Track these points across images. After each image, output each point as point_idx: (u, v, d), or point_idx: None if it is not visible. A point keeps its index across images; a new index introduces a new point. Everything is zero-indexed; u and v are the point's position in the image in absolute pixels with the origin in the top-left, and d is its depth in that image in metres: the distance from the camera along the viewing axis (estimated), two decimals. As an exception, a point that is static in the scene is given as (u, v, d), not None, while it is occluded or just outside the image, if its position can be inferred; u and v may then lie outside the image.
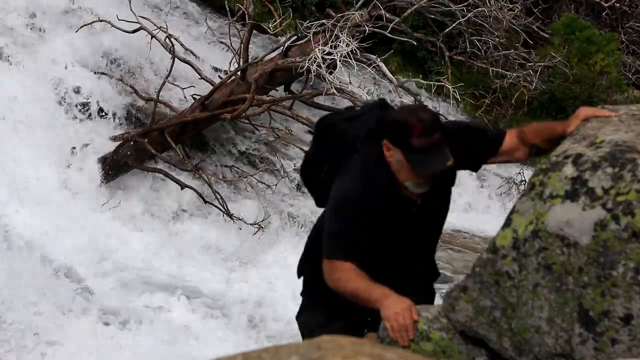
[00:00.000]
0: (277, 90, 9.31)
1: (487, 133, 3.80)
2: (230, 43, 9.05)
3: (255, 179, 8.70)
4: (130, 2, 8.70)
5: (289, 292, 7.46)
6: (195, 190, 8.12)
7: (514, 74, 10.69)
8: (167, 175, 8.21)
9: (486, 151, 3.68)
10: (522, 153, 3.66)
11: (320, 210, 3.82)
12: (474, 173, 10.17)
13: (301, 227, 8.45)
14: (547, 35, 11.76)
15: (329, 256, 3.50)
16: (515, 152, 3.66)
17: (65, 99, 8.41)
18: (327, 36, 8.87)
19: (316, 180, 3.78)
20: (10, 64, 8.54)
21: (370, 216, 3.49)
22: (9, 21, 8.90)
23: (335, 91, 8.56)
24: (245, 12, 8.87)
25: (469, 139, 3.67)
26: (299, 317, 3.96)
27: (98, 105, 8.53)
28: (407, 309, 3.30)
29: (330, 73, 8.61)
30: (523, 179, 9.78)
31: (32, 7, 9.09)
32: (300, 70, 8.69)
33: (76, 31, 8.86)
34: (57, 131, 8.15)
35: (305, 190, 8.92)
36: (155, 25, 8.74)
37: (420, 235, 3.72)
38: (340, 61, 8.59)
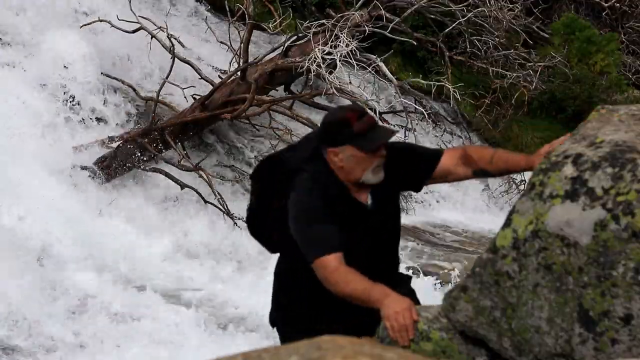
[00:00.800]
0: (277, 90, 9.32)
1: (425, 152, 3.86)
2: (230, 43, 9.05)
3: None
4: (130, 2, 8.70)
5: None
6: (195, 190, 8.12)
7: (514, 74, 10.69)
8: (167, 175, 8.22)
9: (423, 171, 3.74)
10: (462, 174, 3.72)
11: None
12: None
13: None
14: (547, 35, 11.77)
15: (315, 256, 3.50)
16: (453, 173, 3.72)
17: (65, 99, 8.41)
18: (327, 36, 8.87)
19: (265, 224, 3.82)
20: (10, 65, 8.55)
21: (332, 219, 3.55)
22: (8, 21, 8.90)
23: (335, 91, 8.56)
24: (245, 12, 8.87)
25: (410, 158, 3.74)
26: None
27: (98, 105, 8.53)
28: (407, 308, 3.30)
29: (330, 73, 8.61)
30: (523, 179, 9.79)
31: (31, 7, 9.09)
32: (300, 70, 8.69)
33: (78, 29, 8.86)
34: (57, 131, 8.16)
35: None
36: (155, 25, 8.74)
37: (378, 240, 3.75)
38: (340, 61, 8.60)
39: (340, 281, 3.46)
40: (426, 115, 9.59)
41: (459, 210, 9.89)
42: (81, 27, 8.85)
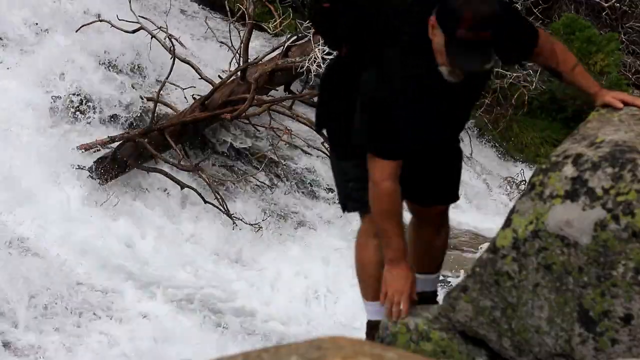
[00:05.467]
0: (277, 90, 9.31)
1: (525, 32, 3.55)
2: (231, 43, 9.05)
3: (255, 179, 8.70)
4: (130, 2, 8.70)
5: (287, 293, 7.46)
6: (195, 190, 8.12)
7: (514, 74, 10.68)
8: (167, 175, 8.21)
9: (518, 54, 3.62)
10: (541, 64, 3.67)
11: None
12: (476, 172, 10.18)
13: (301, 227, 8.45)
14: (547, 35, 11.75)
15: (375, 152, 3.37)
16: (534, 61, 3.70)
17: (64, 99, 8.40)
18: (327, 36, 8.86)
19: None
20: (8, 64, 8.54)
21: (414, 108, 3.36)
22: (7, 21, 8.90)
23: (335, 91, 8.55)
24: (245, 12, 8.87)
25: (511, 31, 3.46)
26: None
27: (97, 105, 8.53)
28: (407, 291, 3.39)
29: (330, 73, 8.60)
30: (523, 179, 9.79)
31: (30, 7, 9.09)
32: (300, 70, 8.68)
33: (76, 31, 8.86)
34: (56, 132, 8.16)
35: (306, 189, 8.94)
36: (155, 25, 8.74)
37: (455, 113, 3.61)
38: (340, 61, 8.58)
39: (381, 199, 3.39)
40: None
41: (458, 210, 9.89)
42: (81, 26, 8.85)
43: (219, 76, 9.11)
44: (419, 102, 3.37)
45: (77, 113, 8.41)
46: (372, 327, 3.72)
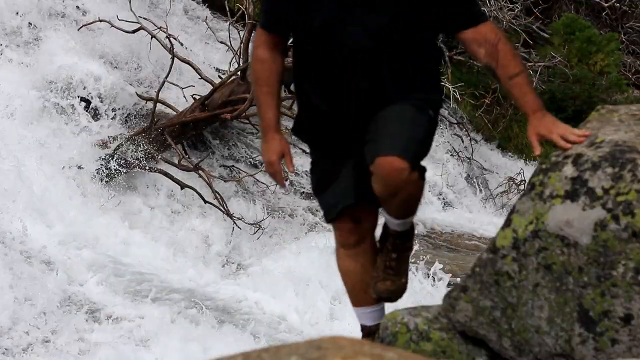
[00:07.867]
0: (277, 90, 9.31)
1: (471, 8, 3.18)
2: (230, 43, 9.05)
3: (255, 179, 8.70)
4: (130, 2, 8.70)
5: (287, 293, 7.47)
6: (195, 190, 8.12)
7: (514, 74, 10.68)
8: (167, 175, 8.22)
9: (453, 23, 3.18)
10: (476, 56, 3.21)
11: None
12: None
13: (301, 227, 8.45)
14: (547, 35, 11.77)
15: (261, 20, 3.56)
16: (472, 50, 3.21)
17: (64, 99, 8.40)
18: (327, 36, 8.86)
19: None
20: (9, 64, 8.54)
21: None
22: (8, 20, 8.90)
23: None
24: (245, 12, 8.87)
25: None
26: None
27: (98, 105, 8.53)
28: (276, 161, 3.43)
29: (330, 73, 8.59)
30: (523, 179, 9.80)
31: (31, 7, 9.10)
32: (300, 70, 8.67)
33: (78, 29, 8.87)
34: (56, 131, 8.16)
35: (306, 189, 8.95)
36: (155, 25, 8.74)
37: (362, 31, 3.26)
38: (340, 61, 8.58)
39: (254, 65, 3.57)
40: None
41: (458, 209, 9.89)
42: (81, 26, 8.86)
43: (219, 76, 9.12)
44: None
45: (77, 113, 8.41)
46: (364, 330, 3.70)
